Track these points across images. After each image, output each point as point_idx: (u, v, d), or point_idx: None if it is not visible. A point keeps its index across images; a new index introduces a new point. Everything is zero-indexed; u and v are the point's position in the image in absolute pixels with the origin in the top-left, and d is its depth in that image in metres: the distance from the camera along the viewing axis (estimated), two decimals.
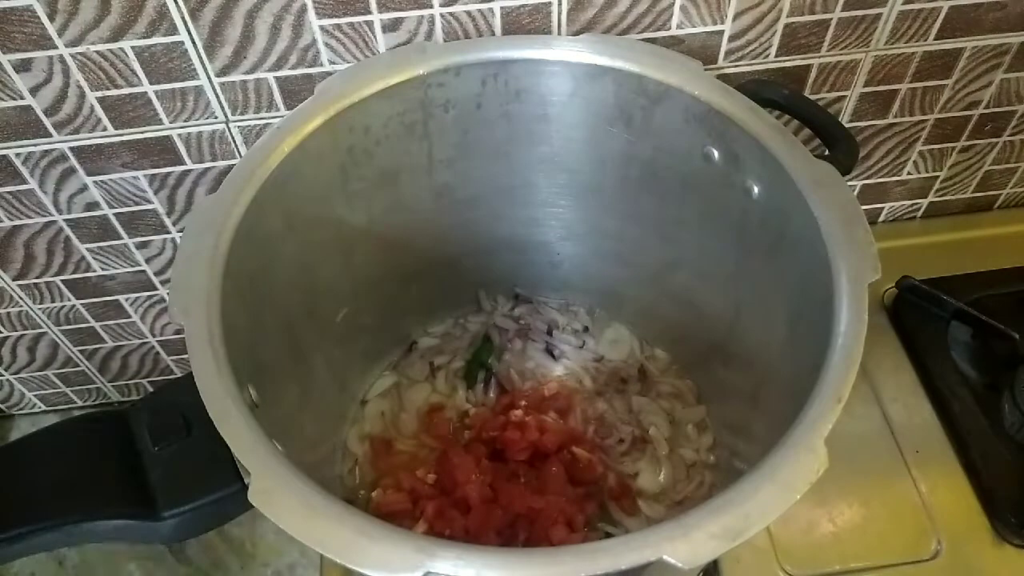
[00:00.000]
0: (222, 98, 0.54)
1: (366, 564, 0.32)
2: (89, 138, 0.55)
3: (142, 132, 0.55)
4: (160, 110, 0.54)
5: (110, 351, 0.75)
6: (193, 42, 0.51)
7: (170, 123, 0.55)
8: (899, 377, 0.64)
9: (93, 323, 0.71)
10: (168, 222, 0.62)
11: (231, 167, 0.51)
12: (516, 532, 0.53)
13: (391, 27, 0.52)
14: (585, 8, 0.52)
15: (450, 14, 0.51)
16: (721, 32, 0.55)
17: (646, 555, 0.32)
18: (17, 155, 0.56)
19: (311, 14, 0.50)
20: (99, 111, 0.54)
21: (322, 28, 0.51)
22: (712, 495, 0.35)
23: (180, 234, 0.63)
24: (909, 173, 0.70)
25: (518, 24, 0.53)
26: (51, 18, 0.48)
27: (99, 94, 0.53)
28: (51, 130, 0.54)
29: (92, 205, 0.60)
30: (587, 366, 0.65)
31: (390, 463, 0.60)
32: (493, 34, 0.53)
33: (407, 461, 0.60)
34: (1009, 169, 0.72)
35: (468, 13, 0.52)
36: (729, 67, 0.57)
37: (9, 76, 0.51)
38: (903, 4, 0.55)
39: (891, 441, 0.60)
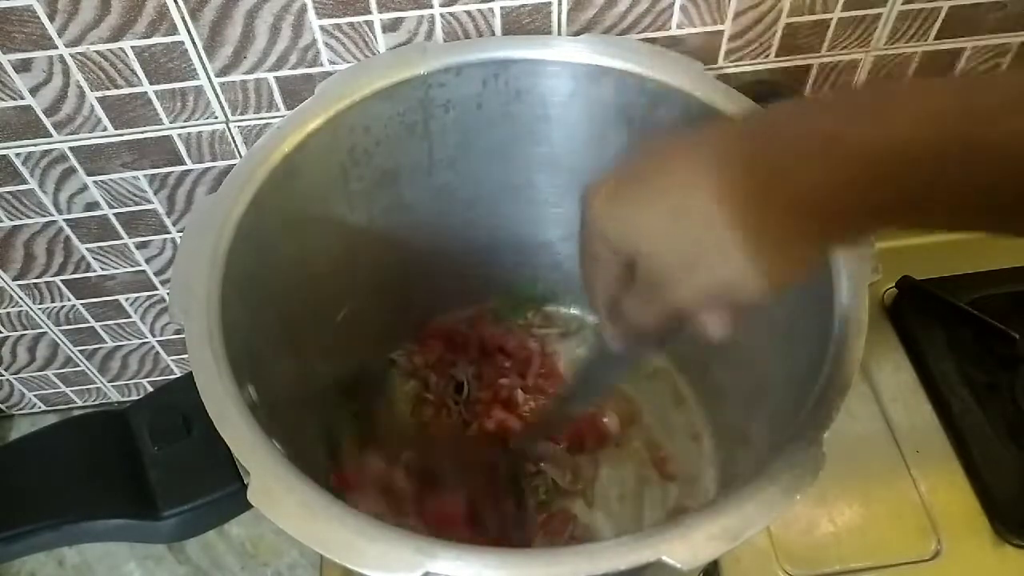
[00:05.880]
0: (222, 98, 0.54)
1: (366, 564, 0.32)
2: (89, 138, 0.55)
3: (142, 132, 0.55)
4: (160, 110, 0.54)
5: (110, 351, 0.75)
6: (193, 42, 0.51)
7: (170, 123, 0.55)
8: (899, 377, 0.64)
9: (93, 323, 0.71)
10: (168, 222, 0.62)
11: (231, 167, 0.51)
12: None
13: (391, 27, 0.52)
14: (585, 8, 0.52)
15: (450, 14, 0.51)
16: (721, 32, 0.55)
17: (645, 556, 0.32)
18: (17, 155, 0.56)
19: (311, 14, 0.50)
20: (99, 111, 0.53)
21: (322, 28, 0.51)
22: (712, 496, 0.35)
23: (180, 234, 0.63)
24: None
25: (518, 24, 0.53)
26: (51, 18, 0.48)
27: (99, 94, 0.53)
28: (51, 130, 0.54)
29: (92, 205, 0.60)
30: None
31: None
32: (493, 34, 0.53)
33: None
34: None
35: (468, 13, 0.52)
36: (729, 67, 0.57)
37: (9, 76, 0.51)
38: (903, 4, 0.55)
39: (891, 441, 0.60)
